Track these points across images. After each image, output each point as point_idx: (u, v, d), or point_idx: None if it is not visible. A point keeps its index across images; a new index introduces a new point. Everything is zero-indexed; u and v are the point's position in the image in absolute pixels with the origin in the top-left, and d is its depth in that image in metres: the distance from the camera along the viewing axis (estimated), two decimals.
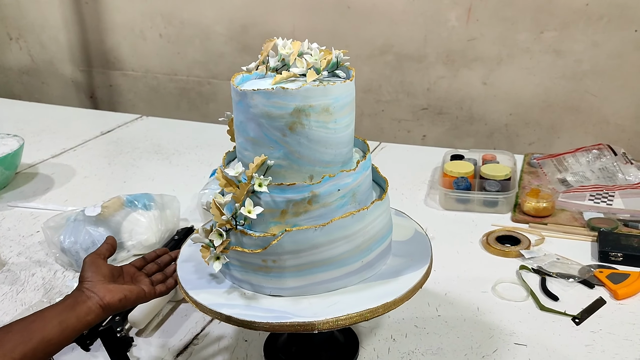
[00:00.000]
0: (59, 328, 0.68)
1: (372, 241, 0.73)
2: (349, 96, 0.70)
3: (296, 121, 0.66)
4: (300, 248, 0.68)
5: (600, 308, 0.95)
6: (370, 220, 0.71)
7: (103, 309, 0.72)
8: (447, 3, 1.88)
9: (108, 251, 0.82)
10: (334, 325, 0.67)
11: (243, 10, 2.18)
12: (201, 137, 1.78)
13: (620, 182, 1.30)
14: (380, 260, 0.76)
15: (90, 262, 0.78)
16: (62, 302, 0.72)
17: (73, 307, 0.71)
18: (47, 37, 2.62)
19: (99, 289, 0.73)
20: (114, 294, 0.74)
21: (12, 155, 1.42)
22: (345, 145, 0.72)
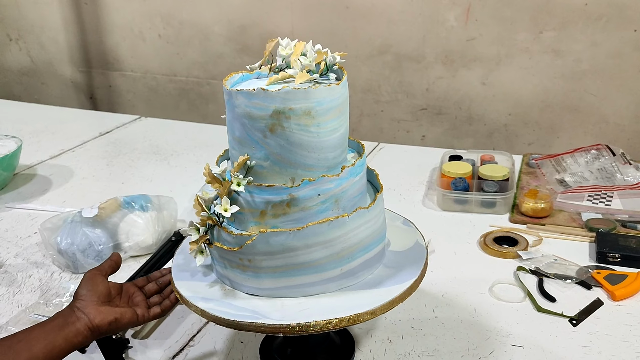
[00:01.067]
0: (45, 350, 0.67)
1: (353, 249, 0.71)
2: (335, 100, 0.68)
3: (276, 123, 0.66)
4: (274, 250, 0.68)
5: (597, 309, 0.95)
6: (352, 228, 0.69)
7: (91, 331, 0.71)
8: (445, 3, 1.88)
9: (110, 268, 0.81)
10: (301, 331, 0.66)
11: (242, 10, 2.18)
12: (200, 138, 1.78)
13: (619, 182, 1.30)
14: (365, 269, 0.74)
15: (88, 279, 0.76)
16: (51, 321, 0.71)
17: (62, 327, 0.70)
18: (47, 37, 2.62)
19: (90, 310, 0.72)
20: (105, 316, 0.72)
21: (10, 156, 1.42)
22: (331, 150, 0.70)
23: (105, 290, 0.76)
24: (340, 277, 0.72)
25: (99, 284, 0.76)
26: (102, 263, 0.81)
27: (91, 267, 1.08)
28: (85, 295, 0.74)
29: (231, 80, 0.74)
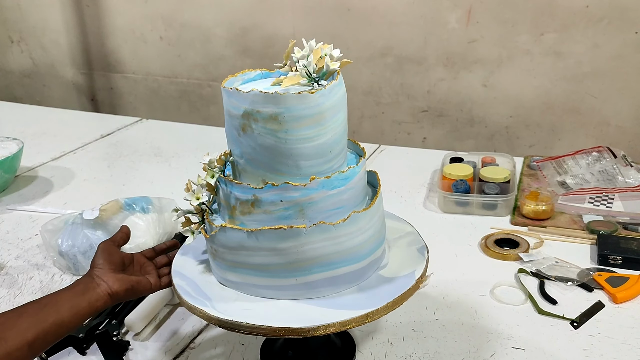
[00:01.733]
0: (70, 312, 0.70)
1: (310, 263, 0.69)
2: (308, 109, 0.66)
3: (246, 123, 0.68)
4: (232, 246, 0.71)
5: (599, 312, 0.95)
6: (309, 241, 0.68)
7: (111, 296, 0.74)
8: (447, 5, 1.88)
9: (122, 239, 0.84)
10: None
11: (243, 13, 2.18)
12: (201, 140, 1.78)
13: (620, 184, 1.30)
14: (329, 286, 0.72)
15: (103, 249, 0.79)
16: (73, 287, 0.74)
17: (84, 292, 0.73)
18: (48, 40, 2.62)
19: (108, 277, 0.75)
20: (122, 283, 0.75)
21: (11, 158, 1.42)
22: (303, 159, 0.69)
23: (120, 259, 0.79)
24: (295, 288, 0.71)
25: (114, 254, 0.79)
26: (114, 234, 0.84)
27: None
28: (102, 264, 0.77)
29: (244, 76, 0.76)
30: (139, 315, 0.92)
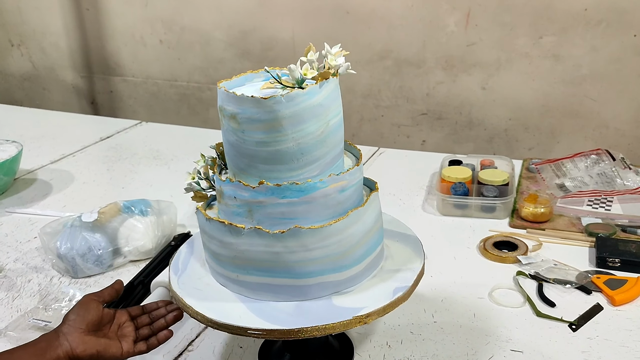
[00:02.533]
0: None
1: (247, 264, 0.71)
2: (262, 114, 0.66)
3: (221, 118, 0.71)
4: (202, 229, 0.76)
5: (597, 314, 0.95)
6: (245, 242, 0.69)
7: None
8: (446, 8, 1.88)
9: (110, 296, 0.80)
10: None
11: (242, 16, 2.19)
12: (200, 143, 1.77)
13: (619, 187, 1.30)
14: (267, 292, 0.72)
15: (82, 304, 0.75)
16: (35, 345, 0.70)
17: (43, 352, 0.69)
18: (48, 43, 2.63)
19: (74, 338, 0.71)
20: (87, 347, 0.71)
21: (10, 161, 1.42)
22: (260, 162, 0.69)
23: (96, 318, 0.74)
24: (236, 283, 0.74)
25: (91, 311, 0.74)
26: (103, 289, 0.80)
27: (90, 272, 1.09)
28: (73, 321, 0.73)
29: (257, 75, 0.77)
30: None
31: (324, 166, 0.72)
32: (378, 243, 0.77)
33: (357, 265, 0.73)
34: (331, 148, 0.72)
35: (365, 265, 0.75)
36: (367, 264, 0.75)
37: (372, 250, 0.76)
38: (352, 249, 0.72)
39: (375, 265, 0.77)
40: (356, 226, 0.71)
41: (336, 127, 0.72)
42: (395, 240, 0.84)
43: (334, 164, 0.73)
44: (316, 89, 0.68)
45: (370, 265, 0.76)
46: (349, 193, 0.72)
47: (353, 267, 0.73)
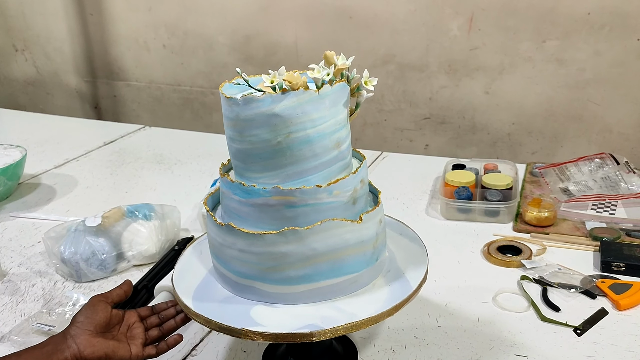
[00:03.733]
0: None
1: (228, 260, 0.74)
2: (227, 111, 0.70)
3: None
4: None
5: (602, 319, 0.94)
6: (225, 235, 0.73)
7: None
8: (449, 12, 1.89)
9: (118, 296, 0.79)
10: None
11: (246, 21, 2.19)
12: (203, 147, 1.79)
13: (623, 191, 1.29)
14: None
15: (90, 305, 0.75)
16: (42, 347, 0.70)
17: (50, 355, 0.68)
18: (52, 48, 2.64)
19: (82, 340, 0.70)
20: (95, 349, 0.70)
21: (14, 165, 1.43)
22: (233, 156, 0.74)
23: (105, 319, 0.74)
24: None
25: (100, 312, 0.74)
26: (111, 290, 0.79)
27: (94, 276, 1.09)
28: (81, 323, 0.72)
29: None
30: None
31: (292, 176, 0.70)
32: (380, 250, 0.77)
33: (359, 270, 0.73)
34: (297, 160, 0.70)
35: (368, 270, 0.74)
36: (370, 268, 0.75)
37: (376, 255, 0.75)
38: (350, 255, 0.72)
39: (379, 269, 0.77)
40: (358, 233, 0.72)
41: (303, 141, 0.69)
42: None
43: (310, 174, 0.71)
44: (273, 98, 0.66)
45: (374, 269, 0.75)
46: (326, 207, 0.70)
47: (355, 273, 0.73)
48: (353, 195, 0.73)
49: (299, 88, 0.67)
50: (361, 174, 0.74)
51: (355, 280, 0.74)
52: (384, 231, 0.78)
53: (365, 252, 0.74)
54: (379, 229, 0.76)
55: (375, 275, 0.76)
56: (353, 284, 0.74)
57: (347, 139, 0.74)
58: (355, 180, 0.73)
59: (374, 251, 0.75)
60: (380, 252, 0.77)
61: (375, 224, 0.74)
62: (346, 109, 0.73)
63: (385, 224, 0.79)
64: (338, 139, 0.72)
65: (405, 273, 0.77)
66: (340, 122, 0.71)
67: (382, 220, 0.77)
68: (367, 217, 0.72)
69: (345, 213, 0.72)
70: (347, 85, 0.72)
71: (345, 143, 0.73)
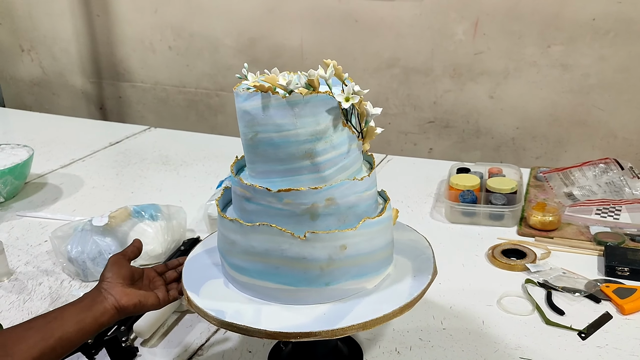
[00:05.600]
0: (76, 327, 0.70)
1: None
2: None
3: None
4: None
5: (606, 323, 0.94)
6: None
7: (118, 311, 0.74)
8: (454, 17, 1.89)
9: (133, 253, 0.84)
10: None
11: (251, 23, 2.20)
12: (209, 149, 1.79)
13: (627, 196, 1.30)
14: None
15: (113, 262, 0.79)
16: (80, 301, 0.74)
17: (90, 307, 0.73)
18: (59, 49, 2.65)
19: (116, 291, 0.75)
20: (130, 297, 0.75)
21: (21, 165, 1.44)
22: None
23: (129, 273, 0.79)
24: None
25: (123, 268, 0.79)
26: (126, 248, 0.84)
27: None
28: (111, 278, 0.77)
29: None
30: (148, 321, 0.92)
31: (261, 174, 0.72)
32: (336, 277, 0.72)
33: (295, 284, 0.72)
34: (264, 160, 0.70)
35: (308, 289, 0.72)
36: (311, 289, 0.72)
37: (326, 280, 0.72)
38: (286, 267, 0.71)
39: (330, 295, 0.73)
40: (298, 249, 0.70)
41: (268, 142, 0.69)
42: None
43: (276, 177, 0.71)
44: (246, 96, 0.68)
45: (320, 293, 0.73)
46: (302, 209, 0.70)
47: (290, 286, 0.72)
48: (311, 210, 0.69)
49: (267, 91, 0.67)
50: (328, 194, 0.69)
51: (291, 293, 0.72)
52: (351, 259, 0.72)
53: (308, 271, 0.70)
54: (337, 255, 0.70)
55: (320, 299, 0.72)
56: (288, 296, 0.72)
57: (327, 153, 0.69)
58: (317, 197, 0.69)
59: (322, 274, 0.70)
60: (336, 279, 0.72)
61: (329, 248, 0.69)
62: (330, 122, 0.69)
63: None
64: (310, 150, 0.68)
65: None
66: (315, 134, 0.68)
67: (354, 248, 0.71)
68: (313, 236, 0.68)
69: (298, 225, 0.69)
70: (330, 98, 0.68)
71: (321, 156, 0.69)
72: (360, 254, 0.72)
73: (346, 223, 0.71)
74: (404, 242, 0.85)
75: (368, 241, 0.72)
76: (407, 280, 0.76)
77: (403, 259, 0.81)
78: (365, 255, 0.72)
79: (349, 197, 0.71)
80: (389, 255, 0.78)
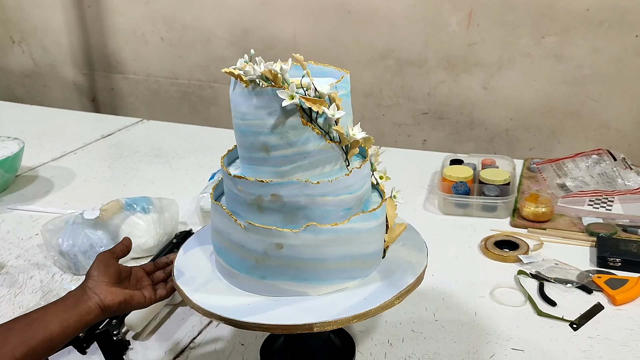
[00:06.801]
0: (60, 327, 0.69)
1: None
2: None
3: None
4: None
5: (598, 313, 0.95)
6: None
7: (102, 310, 0.73)
8: (447, 8, 1.89)
9: (122, 252, 0.83)
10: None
11: (244, 14, 2.19)
12: (201, 141, 1.79)
13: (620, 187, 1.30)
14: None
15: (100, 260, 0.78)
16: (64, 300, 0.73)
17: (74, 306, 0.72)
18: (50, 40, 2.63)
19: (101, 290, 0.74)
20: (115, 296, 0.74)
21: (12, 158, 1.42)
22: None
23: (116, 272, 0.78)
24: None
25: (110, 266, 0.78)
26: (114, 246, 0.83)
27: None
28: (96, 276, 0.76)
29: None
30: (140, 315, 0.92)
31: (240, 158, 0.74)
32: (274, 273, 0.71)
33: (238, 270, 0.72)
34: (238, 145, 0.73)
35: (247, 277, 0.72)
36: (249, 277, 0.72)
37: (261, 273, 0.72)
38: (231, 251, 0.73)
39: (267, 289, 0.73)
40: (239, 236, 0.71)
41: (244, 130, 0.70)
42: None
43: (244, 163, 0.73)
44: (233, 84, 0.70)
45: (256, 283, 0.73)
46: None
47: (235, 269, 0.73)
48: (257, 202, 0.69)
49: (237, 78, 0.68)
50: (273, 190, 0.68)
51: (236, 277, 0.73)
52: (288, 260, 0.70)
53: (245, 260, 0.71)
54: (273, 252, 0.69)
55: (258, 290, 0.72)
56: (236, 280, 0.74)
57: (282, 149, 0.68)
58: (262, 190, 0.68)
59: (257, 267, 0.71)
60: (272, 275, 0.71)
61: (264, 243, 0.69)
62: (284, 118, 0.67)
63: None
64: (265, 143, 0.68)
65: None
66: (268, 128, 0.67)
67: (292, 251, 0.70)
68: (251, 227, 0.69)
69: (248, 214, 0.70)
70: (280, 93, 0.65)
71: (276, 151, 0.68)
72: (301, 258, 0.69)
73: (293, 223, 0.69)
74: None
75: (314, 248, 0.69)
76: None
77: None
78: (307, 261, 0.69)
79: (297, 197, 0.68)
80: (349, 268, 0.72)
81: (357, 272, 0.73)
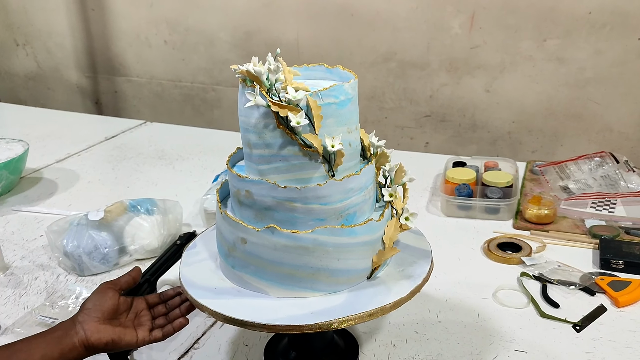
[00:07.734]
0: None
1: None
2: None
3: None
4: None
5: (601, 315, 0.95)
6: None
7: (86, 348, 0.71)
8: (450, 11, 1.89)
9: (127, 284, 0.80)
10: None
11: (247, 17, 2.20)
12: (204, 143, 1.79)
13: (622, 189, 1.30)
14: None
15: (98, 292, 0.76)
16: (52, 332, 0.71)
17: (60, 340, 0.70)
18: (54, 43, 2.64)
19: (90, 327, 0.72)
20: (102, 335, 0.72)
21: (16, 159, 1.43)
22: None
23: (113, 306, 0.75)
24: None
25: (108, 300, 0.75)
26: (120, 277, 0.81)
27: (97, 270, 1.10)
28: (89, 310, 0.74)
29: None
30: None
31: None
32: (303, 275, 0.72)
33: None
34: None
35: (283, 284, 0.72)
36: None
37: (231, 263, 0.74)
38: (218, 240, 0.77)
39: (352, 281, 0.74)
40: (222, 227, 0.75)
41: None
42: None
43: None
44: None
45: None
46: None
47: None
48: (236, 195, 0.73)
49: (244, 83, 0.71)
50: (246, 186, 0.71)
51: (220, 259, 0.78)
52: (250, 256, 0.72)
53: (222, 246, 0.76)
54: (238, 245, 0.72)
55: (231, 278, 0.76)
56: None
57: (260, 148, 0.70)
58: (239, 185, 0.72)
59: (229, 255, 0.74)
60: (239, 267, 0.74)
61: (233, 235, 0.72)
62: (260, 119, 0.68)
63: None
64: (249, 140, 0.71)
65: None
66: (250, 126, 0.70)
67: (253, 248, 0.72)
68: (225, 218, 0.73)
69: (234, 204, 0.76)
70: (247, 94, 0.67)
71: (255, 150, 0.70)
72: (261, 257, 0.71)
73: (262, 222, 0.71)
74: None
75: (272, 250, 0.70)
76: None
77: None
78: (266, 262, 0.71)
79: (264, 197, 0.70)
80: (311, 279, 0.71)
81: (323, 285, 0.72)
